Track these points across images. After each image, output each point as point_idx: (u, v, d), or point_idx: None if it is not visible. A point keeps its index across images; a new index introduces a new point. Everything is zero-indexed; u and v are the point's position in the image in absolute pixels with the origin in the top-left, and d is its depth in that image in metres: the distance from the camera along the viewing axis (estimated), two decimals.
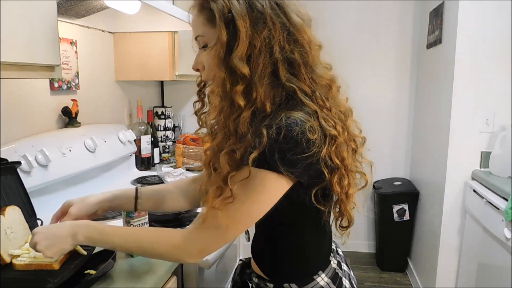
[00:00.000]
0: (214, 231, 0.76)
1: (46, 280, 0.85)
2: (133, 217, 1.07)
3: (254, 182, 0.72)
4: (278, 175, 0.72)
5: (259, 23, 0.71)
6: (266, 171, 0.72)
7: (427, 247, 2.51)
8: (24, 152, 1.29)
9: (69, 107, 1.65)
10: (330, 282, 0.87)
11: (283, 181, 0.73)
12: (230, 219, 0.75)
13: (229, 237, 0.79)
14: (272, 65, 0.73)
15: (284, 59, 0.73)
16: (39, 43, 0.92)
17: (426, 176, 2.64)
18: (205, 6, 0.74)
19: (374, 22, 3.01)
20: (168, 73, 2.03)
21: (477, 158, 2.10)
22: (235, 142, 0.75)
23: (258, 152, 0.70)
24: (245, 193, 0.73)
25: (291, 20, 0.74)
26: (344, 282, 0.91)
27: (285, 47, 0.73)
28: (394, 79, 3.07)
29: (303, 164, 0.72)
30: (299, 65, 0.74)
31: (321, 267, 0.88)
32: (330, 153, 0.74)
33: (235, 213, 0.74)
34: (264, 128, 0.71)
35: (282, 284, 0.86)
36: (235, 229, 0.77)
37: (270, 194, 0.74)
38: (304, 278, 0.86)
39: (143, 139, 2.10)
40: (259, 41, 0.71)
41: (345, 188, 0.79)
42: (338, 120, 0.77)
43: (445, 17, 2.25)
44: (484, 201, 1.84)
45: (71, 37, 1.70)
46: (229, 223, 0.75)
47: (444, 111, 2.21)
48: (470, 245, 2.05)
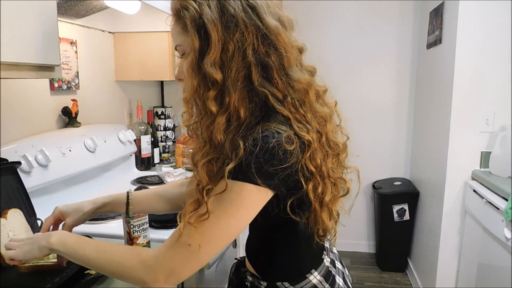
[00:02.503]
0: (185, 250, 0.71)
1: (46, 280, 0.85)
2: (133, 217, 1.07)
3: (230, 195, 0.70)
4: (256, 187, 0.69)
5: (231, 27, 0.70)
6: (243, 183, 0.69)
7: (427, 247, 2.51)
8: (24, 152, 1.29)
9: (69, 107, 1.65)
10: (323, 280, 0.87)
11: (261, 193, 0.71)
12: (204, 238, 0.70)
13: (202, 258, 0.72)
14: (245, 69, 0.71)
15: (257, 62, 0.71)
16: (39, 43, 0.92)
17: (426, 176, 2.64)
18: (179, 15, 0.74)
19: (374, 22, 3.01)
20: (168, 73, 2.03)
21: (477, 158, 2.10)
22: (211, 150, 0.74)
23: (234, 164, 0.69)
24: (221, 207, 0.70)
25: (265, 22, 0.72)
26: (337, 280, 0.91)
27: (258, 50, 0.71)
28: (394, 79, 3.07)
29: (281, 176, 0.70)
30: (272, 69, 0.72)
31: (314, 266, 0.88)
32: (305, 159, 0.72)
33: (210, 231, 0.70)
34: (241, 140, 0.70)
35: (275, 283, 0.86)
36: (209, 248, 0.72)
37: (248, 207, 0.72)
38: (296, 276, 0.86)
39: (143, 139, 2.10)
40: (232, 45, 0.70)
41: (319, 195, 0.76)
42: (316, 124, 0.75)
43: (445, 17, 2.25)
44: (484, 201, 1.84)
45: (71, 37, 1.70)
46: (202, 243, 0.70)
47: (444, 111, 2.21)
48: (470, 245, 2.06)
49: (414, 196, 2.81)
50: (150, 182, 1.85)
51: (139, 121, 2.13)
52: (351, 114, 1.41)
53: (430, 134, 2.54)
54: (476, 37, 2.02)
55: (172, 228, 1.28)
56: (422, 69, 2.83)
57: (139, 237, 1.08)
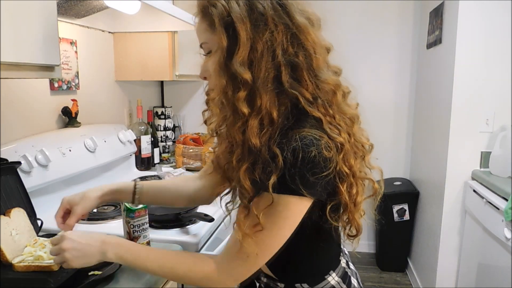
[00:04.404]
0: (246, 260, 0.75)
1: (46, 280, 0.85)
2: (133, 217, 1.07)
3: (278, 208, 0.71)
4: (300, 198, 0.71)
5: (260, 25, 0.68)
6: (288, 196, 0.70)
7: (427, 247, 2.51)
8: (24, 152, 1.29)
9: (69, 107, 1.65)
10: (341, 281, 0.88)
11: (304, 202, 0.72)
12: (260, 247, 0.74)
13: (259, 265, 0.77)
14: (275, 69, 0.69)
15: (287, 63, 0.70)
16: (39, 43, 0.92)
17: (426, 176, 2.64)
18: (206, 12, 0.72)
19: (374, 22, 3.01)
20: (168, 73, 2.03)
21: (477, 158, 2.10)
22: (246, 155, 0.72)
23: (276, 177, 0.68)
24: (270, 220, 0.72)
25: (295, 21, 0.70)
26: (353, 281, 0.92)
27: (288, 50, 0.70)
28: (394, 79, 3.07)
29: (322, 183, 0.71)
30: (302, 70, 0.71)
31: (332, 267, 0.89)
32: (339, 162, 0.71)
33: (264, 241, 0.74)
34: (278, 149, 0.69)
35: (293, 284, 0.86)
36: (264, 256, 0.76)
37: (294, 217, 0.74)
38: (315, 277, 0.86)
39: (143, 139, 2.10)
40: (261, 44, 0.68)
41: (353, 196, 0.77)
42: (344, 125, 0.75)
43: (445, 17, 2.25)
44: (484, 201, 1.84)
45: (71, 37, 1.70)
46: (259, 252, 0.74)
47: (444, 111, 2.21)
48: (470, 245, 2.06)
49: (414, 196, 2.81)
50: None
51: (139, 121, 2.13)
52: None
53: (430, 134, 2.54)
54: (476, 37, 2.02)
55: (172, 228, 1.28)
56: (422, 69, 2.83)
57: (139, 237, 1.08)
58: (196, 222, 1.33)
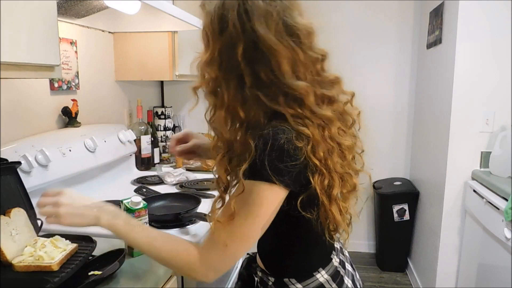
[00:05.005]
0: (221, 251, 0.77)
1: (46, 280, 0.85)
2: (133, 217, 1.07)
3: (251, 195, 0.74)
4: (271, 185, 0.73)
5: (225, 33, 0.75)
6: (259, 182, 0.73)
7: (427, 247, 2.51)
8: (24, 152, 1.29)
9: (69, 107, 1.65)
10: (330, 280, 0.89)
11: (276, 190, 0.74)
12: (235, 236, 0.76)
13: (237, 255, 0.79)
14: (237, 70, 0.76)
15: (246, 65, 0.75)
16: (39, 43, 0.92)
17: (426, 176, 2.64)
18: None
19: (374, 22, 3.01)
20: (168, 73, 2.02)
21: (477, 158, 2.10)
22: (222, 145, 0.80)
23: (248, 164, 0.73)
24: (245, 208, 0.74)
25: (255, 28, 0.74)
26: (346, 281, 0.91)
27: (248, 55, 0.74)
28: (394, 79, 3.07)
29: (293, 173, 0.73)
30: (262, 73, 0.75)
31: (322, 265, 0.90)
32: (308, 153, 0.74)
33: (239, 229, 0.76)
34: (251, 139, 0.73)
35: (282, 279, 0.88)
36: (241, 245, 0.78)
37: (267, 205, 0.75)
38: (304, 274, 0.88)
39: (143, 139, 2.10)
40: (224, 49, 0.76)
41: (326, 189, 0.78)
42: (317, 121, 0.77)
43: (445, 17, 2.25)
44: (484, 201, 1.84)
45: (71, 37, 1.70)
46: (234, 241, 0.76)
47: (444, 111, 2.21)
48: (470, 245, 2.05)
49: (414, 196, 2.81)
50: (150, 182, 1.85)
51: (139, 121, 2.13)
52: None
53: (430, 134, 2.54)
54: (476, 37, 2.02)
55: (172, 228, 1.28)
56: (422, 69, 2.83)
57: None
58: (196, 222, 1.33)
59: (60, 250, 0.94)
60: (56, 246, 0.95)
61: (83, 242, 1.04)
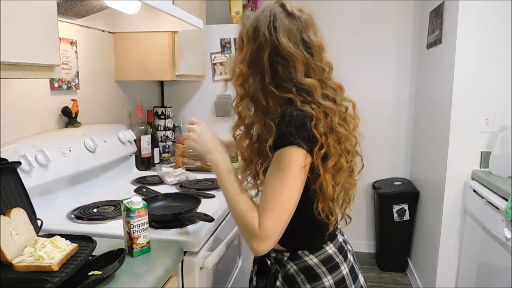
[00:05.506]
0: (270, 215, 0.90)
1: (46, 280, 0.85)
2: (133, 217, 1.07)
3: (282, 161, 0.90)
4: (298, 148, 0.89)
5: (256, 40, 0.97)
6: (287, 148, 0.89)
7: (427, 247, 2.51)
8: (24, 152, 1.29)
9: (69, 107, 1.65)
10: (337, 252, 1.06)
11: (302, 153, 0.90)
12: (275, 201, 0.91)
13: (282, 217, 0.92)
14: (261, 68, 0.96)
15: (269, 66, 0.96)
16: (39, 43, 0.92)
17: (426, 176, 2.64)
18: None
19: (374, 22, 3.01)
20: (168, 73, 2.02)
21: (477, 158, 2.10)
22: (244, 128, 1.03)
23: (273, 139, 0.91)
24: (280, 172, 0.90)
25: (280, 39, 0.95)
26: (349, 256, 1.10)
27: (271, 58, 0.96)
28: (394, 79, 3.07)
29: (310, 141, 0.90)
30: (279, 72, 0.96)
31: (329, 239, 1.07)
32: (311, 127, 0.90)
33: (279, 194, 0.91)
34: (271, 121, 0.93)
35: (296, 251, 1.04)
36: (282, 208, 0.91)
37: (297, 167, 0.90)
38: (314, 245, 1.04)
39: (143, 139, 2.10)
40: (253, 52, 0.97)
41: (322, 158, 0.92)
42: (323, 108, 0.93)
43: (445, 17, 2.25)
44: (484, 201, 1.84)
45: (71, 37, 1.70)
46: (275, 206, 0.91)
47: (444, 111, 2.21)
48: (470, 245, 2.06)
49: (414, 196, 2.81)
50: (150, 182, 1.85)
51: (139, 121, 2.13)
52: None
53: (430, 134, 2.54)
54: (476, 37, 2.02)
55: (172, 228, 1.28)
56: (422, 69, 2.83)
57: (139, 237, 1.08)
58: (196, 222, 1.33)
59: (60, 250, 0.94)
60: (56, 246, 0.95)
61: (83, 242, 1.04)
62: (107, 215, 1.39)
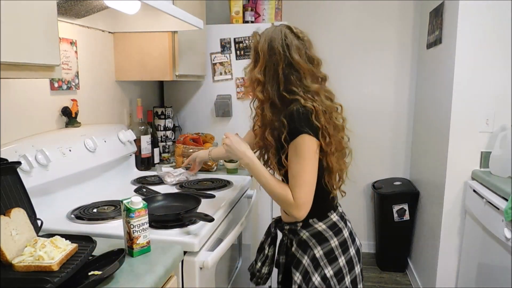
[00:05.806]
0: (299, 189, 1.20)
1: (46, 280, 0.85)
2: (133, 217, 1.07)
3: (298, 148, 1.18)
4: (309, 136, 1.17)
5: (272, 55, 1.25)
6: (301, 136, 1.17)
7: (427, 247, 2.51)
8: (24, 152, 1.29)
9: (69, 107, 1.65)
10: (340, 220, 1.34)
11: (313, 140, 1.18)
12: (300, 180, 1.20)
13: (309, 189, 1.20)
14: (277, 77, 1.25)
15: (283, 75, 1.24)
16: (39, 43, 0.92)
17: (426, 176, 2.64)
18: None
19: (374, 22, 3.02)
20: (168, 73, 2.02)
21: (477, 158, 2.10)
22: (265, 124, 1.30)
23: (287, 131, 1.19)
24: (300, 157, 1.18)
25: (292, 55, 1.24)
26: (348, 224, 1.38)
27: (285, 69, 1.24)
28: (394, 79, 3.07)
29: (316, 130, 1.17)
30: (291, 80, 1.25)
31: (332, 209, 1.34)
32: (313, 118, 1.17)
33: (302, 174, 1.19)
34: (283, 118, 1.20)
35: (308, 220, 1.30)
36: (307, 183, 1.20)
37: (311, 151, 1.18)
38: (321, 214, 1.31)
39: (143, 139, 2.10)
40: (270, 64, 1.25)
41: (326, 143, 1.19)
42: (324, 106, 1.23)
43: (445, 17, 2.25)
44: (484, 201, 1.84)
45: (71, 37, 1.70)
46: (302, 183, 1.20)
47: (444, 111, 2.21)
48: (470, 245, 2.06)
49: (414, 196, 2.81)
50: (150, 182, 1.85)
51: (139, 121, 2.13)
52: (351, 114, 1.43)
53: (430, 134, 2.54)
54: (476, 37, 2.02)
55: (172, 228, 1.28)
56: (422, 69, 2.83)
57: (139, 237, 1.08)
58: (196, 222, 1.33)
59: (60, 250, 0.94)
60: (56, 246, 0.95)
61: (83, 242, 1.04)
62: (107, 215, 1.39)
